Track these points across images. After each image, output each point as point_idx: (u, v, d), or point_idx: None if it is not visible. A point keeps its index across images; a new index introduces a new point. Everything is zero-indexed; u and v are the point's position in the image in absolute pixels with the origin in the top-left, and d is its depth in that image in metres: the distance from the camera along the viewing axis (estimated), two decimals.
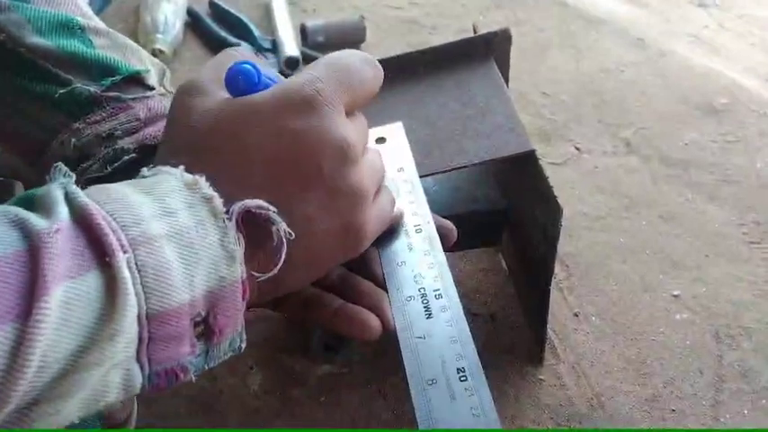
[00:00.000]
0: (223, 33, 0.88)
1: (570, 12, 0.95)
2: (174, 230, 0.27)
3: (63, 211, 0.26)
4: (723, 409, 0.53)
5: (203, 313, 0.28)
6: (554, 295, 0.54)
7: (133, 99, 0.41)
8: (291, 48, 0.85)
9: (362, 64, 0.33)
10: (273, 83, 0.32)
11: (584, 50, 0.89)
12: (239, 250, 0.28)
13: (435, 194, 0.54)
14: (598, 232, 0.66)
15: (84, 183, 0.39)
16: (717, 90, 0.82)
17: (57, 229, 0.25)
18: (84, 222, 0.26)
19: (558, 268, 0.55)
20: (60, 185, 0.27)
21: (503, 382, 0.55)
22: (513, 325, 0.59)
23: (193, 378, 0.29)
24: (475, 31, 0.57)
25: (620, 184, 0.71)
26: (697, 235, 0.66)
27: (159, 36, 0.83)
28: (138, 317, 0.26)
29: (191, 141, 0.31)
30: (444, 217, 0.46)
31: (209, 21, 0.90)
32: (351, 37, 0.88)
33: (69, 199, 0.27)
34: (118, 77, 0.41)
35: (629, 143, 0.76)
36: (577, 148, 0.75)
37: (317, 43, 0.87)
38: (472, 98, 0.52)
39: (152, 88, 0.43)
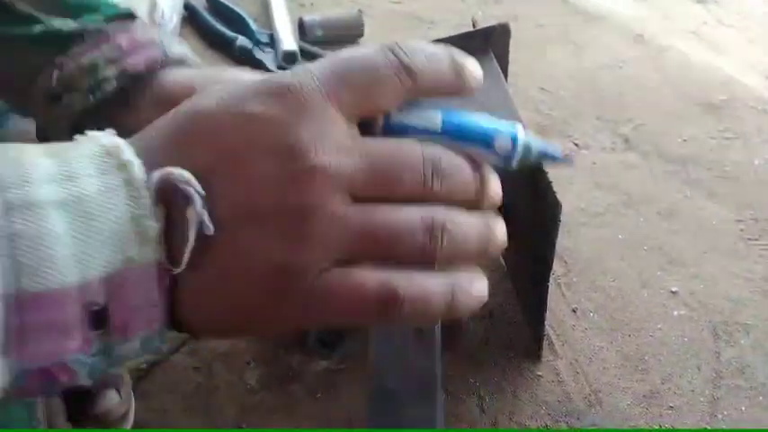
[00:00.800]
0: (220, 27, 0.87)
1: (569, 7, 0.95)
2: (69, 197, 0.22)
3: None
4: (721, 406, 0.53)
5: (101, 301, 0.22)
6: (552, 291, 0.54)
7: (115, 30, 0.40)
8: (289, 42, 0.85)
9: (385, 69, 0.25)
10: None
11: (584, 46, 0.88)
12: (155, 227, 0.23)
13: None
14: (596, 228, 0.66)
15: (70, 117, 0.38)
16: (715, 86, 0.82)
17: None
18: None
19: (556, 264, 0.55)
20: None
21: (501, 378, 0.55)
22: (510, 321, 0.59)
23: (83, 381, 0.23)
24: (474, 26, 0.57)
25: (619, 180, 0.71)
26: (695, 231, 0.66)
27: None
28: (3, 296, 0.21)
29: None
30: None
31: (206, 14, 0.89)
32: (349, 31, 0.88)
33: None
34: (100, 17, 0.40)
35: (628, 139, 0.76)
36: (576, 144, 0.75)
37: (314, 38, 0.86)
38: None
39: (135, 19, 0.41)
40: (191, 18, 0.90)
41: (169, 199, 0.23)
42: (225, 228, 0.23)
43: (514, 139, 0.28)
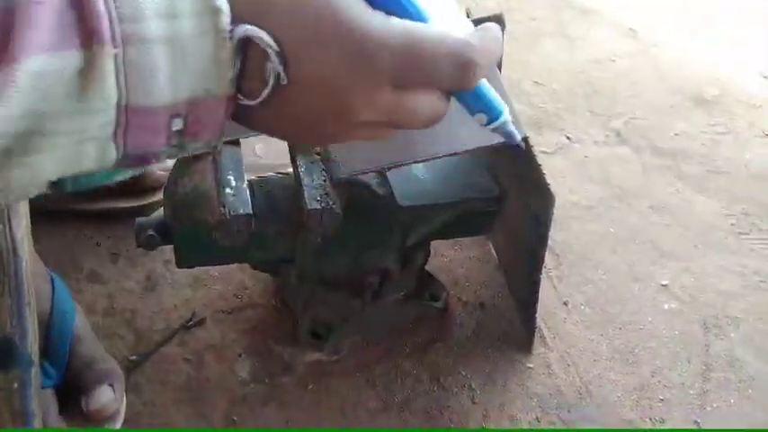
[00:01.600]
0: None
1: (563, 1, 0.95)
2: (172, 34, 0.28)
3: None
4: (710, 398, 0.54)
5: (182, 114, 0.29)
6: (544, 284, 0.54)
7: None
8: None
9: (448, 59, 0.30)
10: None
11: (577, 40, 0.88)
12: (231, 70, 0.29)
13: (427, 182, 0.53)
14: (588, 222, 0.66)
15: None
16: (708, 81, 0.82)
17: (41, 1, 0.25)
18: (78, 3, 0.26)
19: (547, 257, 0.55)
20: None
21: (492, 369, 0.55)
22: (502, 313, 0.59)
23: (162, 161, 0.31)
24: (468, 17, 0.57)
25: (611, 174, 0.71)
26: (686, 225, 0.66)
27: None
28: (117, 105, 0.27)
29: None
30: (436, 205, 0.46)
31: None
32: None
33: None
34: None
35: (620, 133, 0.76)
36: (568, 138, 0.75)
37: None
38: None
39: None
40: None
41: (247, 50, 0.29)
42: (289, 88, 0.30)
43: (503, 119, 0.34)
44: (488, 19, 0.54)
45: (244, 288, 0.60)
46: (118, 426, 0.51)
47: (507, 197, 0.53)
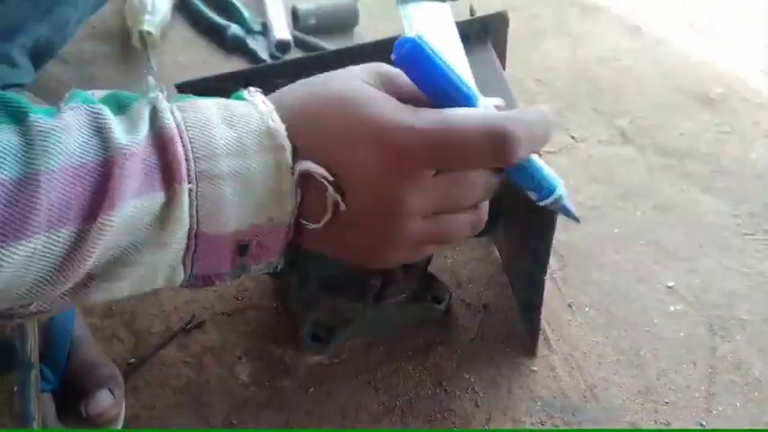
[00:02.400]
0: (212, 15, 0.86)
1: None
2: (240, 171, 0.30)
3: (143, 130, 0.29)
4: (716, 401, 0.53)
5: (246, 239, 0.32)
6: (547, 286, 0.53)
7: None
8: (282, 31, 0.83)
9: (481, 139, 0.31)
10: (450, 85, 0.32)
11: (580, 38, 0.87)
12: (293, 201, 0.31)
13: None
14: (592, 222, 0.65)
15: None
16: (712, 80, 0.81)
17: (133, 153, 0.28)
18: (161, 144, 0.29)
19: (551, 258, 0.54)
20: (148, 101, 0.30)
21: (495, 372, 0.54)
22: (505, 315, 0.58)
23: (226, 282, 0.34)
24: (471, 14, 0.56)
25: (615, 174, 0.70)
26: (691, 226, 0.66)
27: (147, 17, 0.81)
28: (189, 234, 0.30)
29: (311, 98, 0.33)
30: None
31: (198, 2, 0.87)
32: (343, 20, 0.87)
33: (154, 117, 0.30)
34: None
35: (624, 132, 0.75)
36: (572, 137, 0.74)
37: (308, 26, 0.85)
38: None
39: None
40: (183, 5, 0.88)
41: (306, 183, 0.32)
42: (351, 219, 0.33)
43: (556, 195, 0.35)
44: (492, 16, 0.53)
45: (244, 290, 0.59)
46: (117, 428, 0.50)
47: (510, 197, 0.53)
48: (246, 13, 0.86)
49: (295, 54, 0.83)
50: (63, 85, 0.75)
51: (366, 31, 0.87)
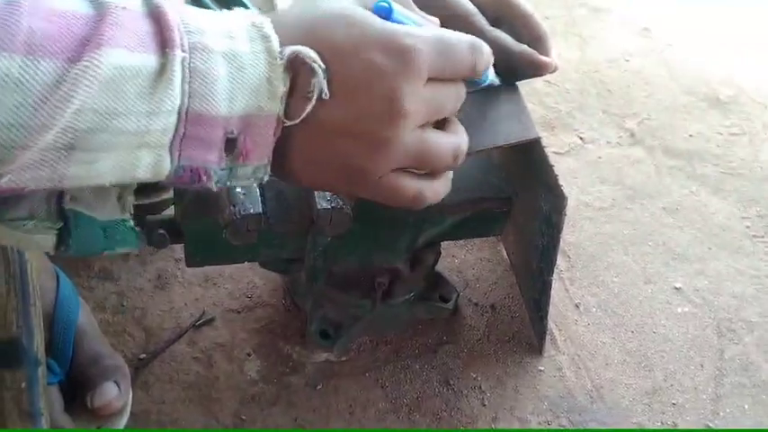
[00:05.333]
0: (218, 10, 0.86)
1: (575, 1, 0.94)
2: (230, 51, 0.30)
3: (138, 3, 0.29)
4: (723, 403, 0.53)
5: (235, 132, 0.31)
6: (555, 286, 0.53)
7: None
8: None
9: (467, 50, 0.35)
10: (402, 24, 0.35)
11: (589, 39, 0.87)
12: (282, 89, 0.31)
13: None
14: (601, 223, 0.66)
15: None
16: (722, 81, 0.81)
17: (124, 6, 0.28)
18: (155, 14, 0.29)
19: (559, 259, 0.55)
20: None
21: (502, 372, 0.55)
22: (513, 315, 0.58)
23: (214, 187, 0.32)
24: None
25: (624, 175, 0.70)
26: (700, 227, 0.66)
27: None
28: (179, 110, 0.29)
29: (308, 15, 0.34)
30: (447, 206, 0.45)
31: (209, 2, 0.88)
32: None
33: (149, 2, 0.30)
34: None
35: (634, 134, 0.75)
36: (581, 138, 0.74)
37: None
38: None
39: None
40: (192, 3, 0.89)
41: (295, 68, 0.31)
42: (334, 131, 0.32)
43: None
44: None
45: (254, 287, 0.60)
46: (124, 421, 0.51)
47: (519, 198, 0.53)
48: (252, 8, 0.86)
49: None
50: None
51: None
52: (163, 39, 0.29)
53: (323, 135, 0.33)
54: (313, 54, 0.31)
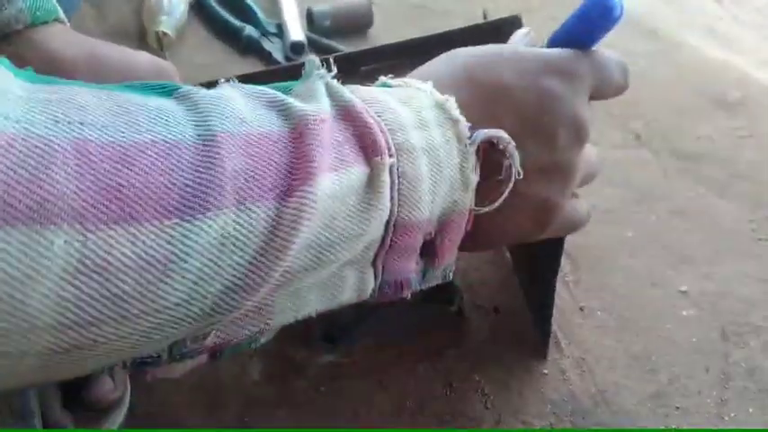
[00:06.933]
0: (228, 16, 0.87)
1: (583, 1, 0.93)
2: (428, 145, 0.27)
3: (325, 102, 0.25)
4: (728, 408, 0.53)
5: (433, 233, 0.28)
6: (559, 289, 0.53)
7: None
8: (297, 32, 0.84)
9: (618, 71, 0.36)
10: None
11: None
12: (475, 178, 0.29)
13: None
14: (606, 225, 0.65)
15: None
16: (730, 83, 0.80)
17: (322, 119, 0.24)
18: (349, 117, 0.25)
19: (564, 261, 0.54)
20: (319, 77, 0.26)
21: (506, 375, 0.55)
22: (517, 318, 0.58)
23: (409, 296, 0.30)
24: (485, 18, 0.56)
25: (630, 178, 0.70)
26: (707, 230, 0.65)
27: (164, 18, 0.82)
28: (387, 222, 0.26)
29: (458, 63, 0.32)
30: None
31: (213, 3, 0.88)
32: (358, 22, 0.87)
33: (331, 92, 0.26)
34: None
35: (640, 136, 0.75)
36: None
37: (323, 28, 0.86)
38: None
39: None
40: (198, 6, 0.89)
41: (482, 154, 0.29)
42: (525, 178, 0.30)
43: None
44: (505, 20, 0.53)
45: None
46: (121, 415, 0.51)
47: None
48: (261, 15, 0.87)
49: (310, 56, 0.83)
50: None
51: (381, 33, 0.87)
52: (365, 144, 0.25)
53: (512, 192, 0.30)
54: (505, 135, 0.29)
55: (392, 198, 0.26)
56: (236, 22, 0.85)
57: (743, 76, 0.81)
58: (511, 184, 0.29)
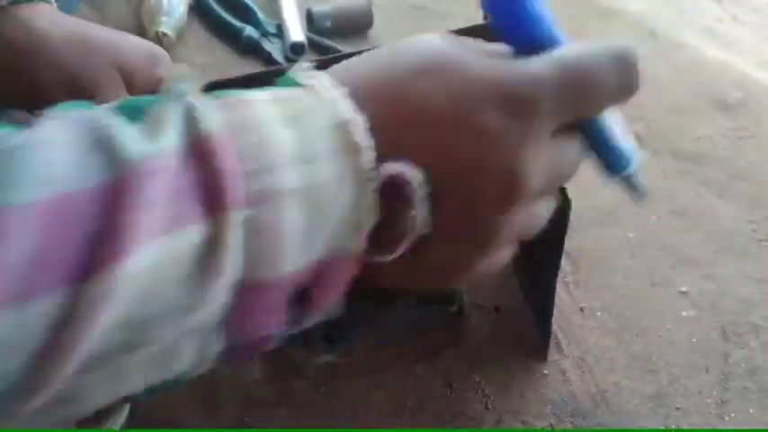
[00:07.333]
0: (228, 17, 0.87)
1: (582, 2, 0.94)
2: (309, 184, 0.22)
3: (172, 136, 0.20)
4: (728, 408, 0.53)
5: (306, 284, 0.23)
6: (559, 289, 0.53)
7: None
8: (297, 33, 0.84)
9: (616, 71, 0.26)
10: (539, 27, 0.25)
11: (597, 41, 0.87)
12: (370, 220, 0.23)
13: None
14: (606, 226, 0.65)
15: None
16: (730, 84, 0.80)
17: (156, 168, 0.19)
18: (200, 154, 0.20)
19: (564, 262, 0.54)
20: (177, 97, 0.21)
21: (506, 375, 0.54)
22: (517, 318, 0.58)
23: (272, 347, 0.25)
24: (485, 18, 0.56)
25: None
26: (707, 231, 0.65)
27: (164, 19, 0.82)
28: (233, 286, 0.21)
29: (393, 65, 0.24)
30: None
31: (213, 4, 0.88)
32: (358, 22, 0.87)
33: (189, 118, 0.20)
34: None
35: (640, 137, 0.75)
36: None
37: (323, 28, 0.86)
38: None
39: None
40: (198, 7, 0.89)
41: (388, 191, 0.23)
42: (435, 236, 0.24)
43: (634, 166, 0.31)
44: None
45: None
46: (122, 415, 0.51)
47: None
48: (261, 15, 0.87)
49: (310, 56, 0.83)
50: None
51: (381, 34, 0.87)
52: (212, 194, 0.20)
53: (419, 261, 0.25)
54: (413, 179, 0.22)
55: (241, 260, 0.21)
56: (236, 23, 0.85)
57: (743, 77, 0.81)
58: (412, 238, 0.23)
